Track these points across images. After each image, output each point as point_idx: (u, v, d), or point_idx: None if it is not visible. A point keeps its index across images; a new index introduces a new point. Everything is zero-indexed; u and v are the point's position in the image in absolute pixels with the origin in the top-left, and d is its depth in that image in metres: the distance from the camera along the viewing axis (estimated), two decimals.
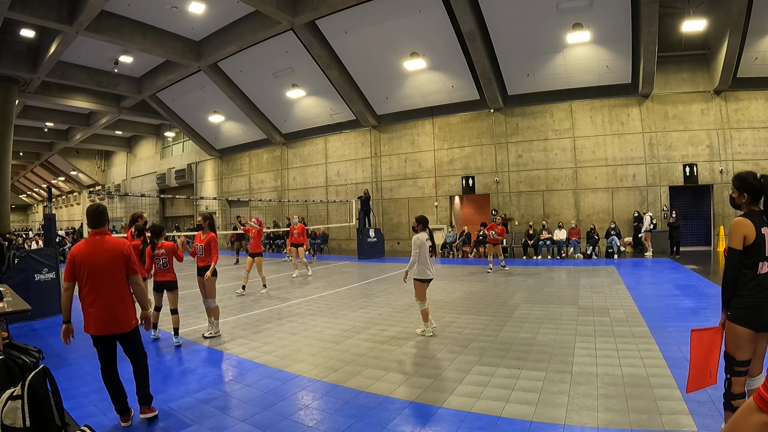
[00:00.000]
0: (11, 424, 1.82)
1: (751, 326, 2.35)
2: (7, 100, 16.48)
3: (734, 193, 2.53)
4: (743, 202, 2.49)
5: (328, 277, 10.91)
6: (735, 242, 2.39)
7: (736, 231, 2.39)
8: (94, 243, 3.07)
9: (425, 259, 5.26)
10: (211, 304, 5.48)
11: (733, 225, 2.43)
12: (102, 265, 3.02)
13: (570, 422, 2.92)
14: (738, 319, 2.38)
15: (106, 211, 3.24)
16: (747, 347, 2.38)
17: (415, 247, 5.27)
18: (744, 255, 2.39)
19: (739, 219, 2.41)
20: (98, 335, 3.05)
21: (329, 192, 19.67)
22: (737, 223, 2.40)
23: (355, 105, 17.02)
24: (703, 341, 2.50)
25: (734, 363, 2.41)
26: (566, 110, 14.73)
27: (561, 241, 13.65)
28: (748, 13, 11.05)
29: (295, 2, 13.18)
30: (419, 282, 5.29)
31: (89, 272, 3.00)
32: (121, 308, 3.07)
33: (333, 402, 3.43)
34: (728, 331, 2.45)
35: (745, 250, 2.38)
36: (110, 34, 14.00)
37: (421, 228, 5.34)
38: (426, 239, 5.26)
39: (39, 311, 6.25)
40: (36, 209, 51.87)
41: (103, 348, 3.10)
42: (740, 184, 2.48)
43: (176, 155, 27.95)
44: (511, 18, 12.51)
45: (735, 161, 13.09)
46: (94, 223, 3.16)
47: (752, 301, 2.35)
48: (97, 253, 3.03)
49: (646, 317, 5.68)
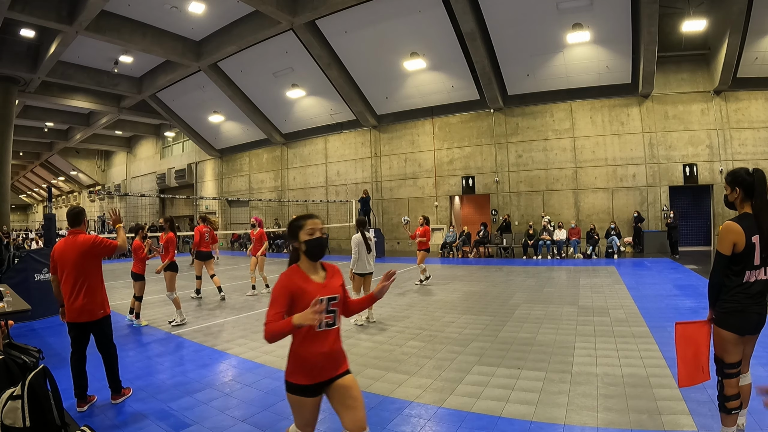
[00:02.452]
0: (11, 424, 1.82)
1: (735, 330, 2.36)
2: (7, 100, 16.49)
3: (727, 189, 2.48)
4: (736, 198, 2.43)
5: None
6: (723, 248, 2.36)
7: (725, 236, 2.35)
8: (68, 241, 3.46)
9: (363, 256, 6.05)
10: (170, 297, 6.25)
11: (723, 229, 2.38)
12: (72, 260, 3.38)
13: (570, 422, 2.92)
14: (722, 323, 2.39)
15: (83, 213, 3.60)
16: (734, 350, 2.39)
17: (353, 246, 6.05)
18: (731, 261, 2.36)
19: (730, 224, 2.36)
20: (70, 322, 3.43)
21: (329, 192, 19.67)
22: (727, 228, 2.36)
23: (355, 105, 17.02)
24: (689, 334, 2.51)
25: (724, 366, 2.42)
26: (566, 110, 14.72)
27: (561, 241, 13.66)
28: (748, 13, 11.05)
29: (295, 2, 13.18)
30: (357, 276, 6.10)
31: (62, 266, 3.42)
32: (89, 298, 3.40)
33: None
34: (715, 335, 2.45)
35: (733, 256, 2.35)
36: (110, 34, 13.99)
37: (357, 229, 6.16)
38: (361, 238, 6.04)
39: (39, 311, 6.24)
40: (36, 209, 51.87)
41: (74, 335, 3.45)
42: (732, 179, 2.43)
43: (176, 155, 27.95)
44: (511, 18, 12.51)
45: (735, 161, 13.09)
46: (70, 223, 3.53)
47: (735, 307, 2.36)
48: (69, 250, 3.41)
49: (646, 317, 5.68)
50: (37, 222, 43.77)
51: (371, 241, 6.20)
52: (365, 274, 6.13)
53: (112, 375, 3.55)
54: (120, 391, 3.58)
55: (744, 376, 2.48)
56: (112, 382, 3.55)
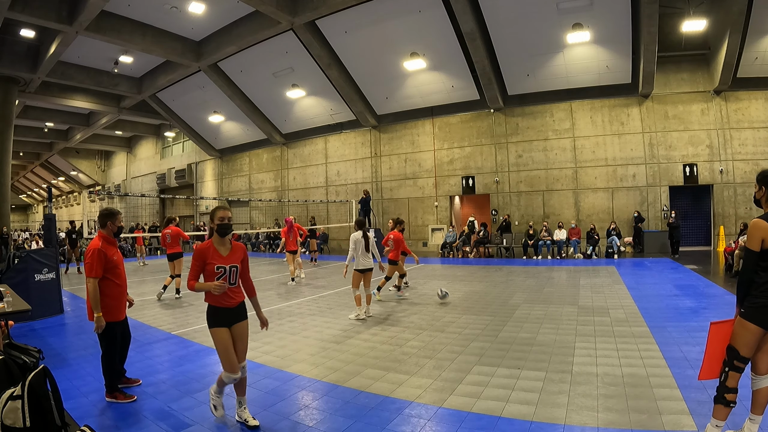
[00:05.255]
0: (11, 424, 1.82)
1: (761, 324, 2.39)
2: (7, 100, 16.47)
3: (756, 188, 2.55)
4: (762, 196, 2.51)
5: (328, 277, 10.92)
6: (752, 244, 2.42)
7: (754, 233, 2.41)
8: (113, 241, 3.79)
9: (361, 253, 6.29)
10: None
11: (751, 226, 2.44)
12: (122, 259, 3.77)
13: (570, 422, 2.92)
14: (750, 316, 2.41)
15: (106, 214, 3.64)
16: (753, 344, 2.42)
17: (351, 243, 6.29)
18: (760, 257, 2.40)
19: (758, 221, 2.42)
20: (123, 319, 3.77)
21: (329, 192, 19.67)
22: (755, 225, 2.41)
23: (355, 105, 17.02)
24: (721, 334, 2.54)
25: (736, 357, 2.44)
26: (566, 110, 14.72)
27: (561, 241, 13.66)
28: (748, 13, 11.05)
29: (295, 2, 13.18)
30: (357, 272, 6.31)
31: (120, 264, 3.72)
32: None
33: (333, 402, 3.43)
34: (738, 327, 2.47)
35: (762, 252, 2.39)
36: (110, 34, 13.99)
37: (356, 228, 6.40)
38: (361, 237, 6.28)
39: (39, 311, 6.24)
40: (36, 209, 51.86)
41: (122, 330, 3.75)
42: (761, 178, 2.51)
43: (176, 155, 27.95)
44: (511, 18, 12.50)
45: (735, 161, 13.10)
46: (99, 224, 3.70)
47: (764, 302, 2.38)
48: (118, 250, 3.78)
49: (646, 317, 5.68)
50: (37, 222, 43.78)
51: (371, 241, 6.44)
52: (365, 271, 6.35)
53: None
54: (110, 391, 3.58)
55: (763, 378, 2.47)
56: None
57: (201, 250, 2.94)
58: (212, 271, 2.91)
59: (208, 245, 2.97)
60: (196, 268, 2.93)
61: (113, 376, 3.56)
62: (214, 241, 3.00)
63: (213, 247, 2.98)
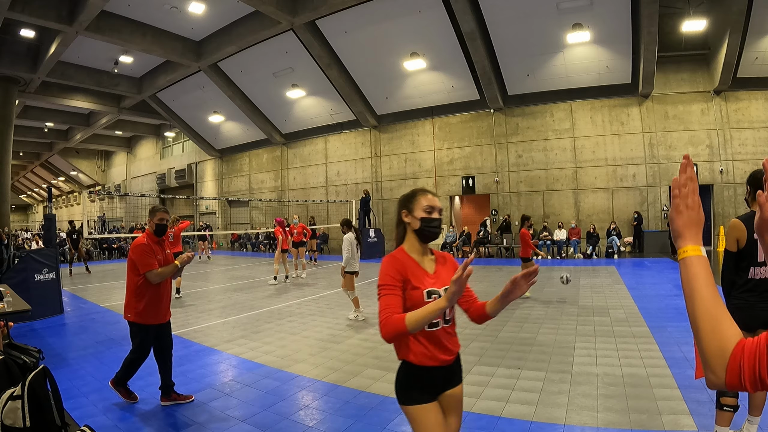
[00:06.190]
0: (11, 425, 1.82)
1: (743, 327, 2.39)
2: (7, 100, 16.48)
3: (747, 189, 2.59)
4: (747, 196, 2.55)
5: (328, 277, 10.92)
6: (729, 244, 2.47)
7: (729, 233, 2.47)
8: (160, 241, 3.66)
9: (355, 255, 6.17)
10: None
11: (728, 227, 2.49)
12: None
13: (570, 422, 2.92)
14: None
15: (149, 211, 3.59)
16: None
17: (347, 245, 6.08)
18: (738, 258, 2.43)
19: (735, 221, 2.46)
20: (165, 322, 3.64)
21: (329, 192, 19.66)
22: (732, 225, 2.46)
23: (355, 105, 17.01)
24: None
25: None
26: (566, 110, 14.72)
27: (561, 241, 13.65)
28: (748, 13, 11.04)
29: (295, 2, 13.18)
30: (349, 274, 6.10)
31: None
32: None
33: (333, 402, 3.43)
34: None
35: (738, 253, 2.42)
36: (110, 34, 13.99)
37: (347, 229, 6.21)
38: (355, 238, 6.12)
39: (39, 311, 6.24)
40: (36, 209, 51.84)
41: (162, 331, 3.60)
42: (749, 179, 2.54)
43: (176, 155, 27.94)
44: (511, 18, 12.50)
45: (735, 161, 13.09)
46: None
47: (741, 303, 2.40)
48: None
49: (646, 317, 5.68)
50: (37, 222, 43.79)
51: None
52: (355, 272, 6.29)
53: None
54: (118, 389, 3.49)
55: None
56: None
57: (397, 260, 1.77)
58: (419, 298, 1.68)
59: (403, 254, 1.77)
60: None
61: (127, 374, 3.47)
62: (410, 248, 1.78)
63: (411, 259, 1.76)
